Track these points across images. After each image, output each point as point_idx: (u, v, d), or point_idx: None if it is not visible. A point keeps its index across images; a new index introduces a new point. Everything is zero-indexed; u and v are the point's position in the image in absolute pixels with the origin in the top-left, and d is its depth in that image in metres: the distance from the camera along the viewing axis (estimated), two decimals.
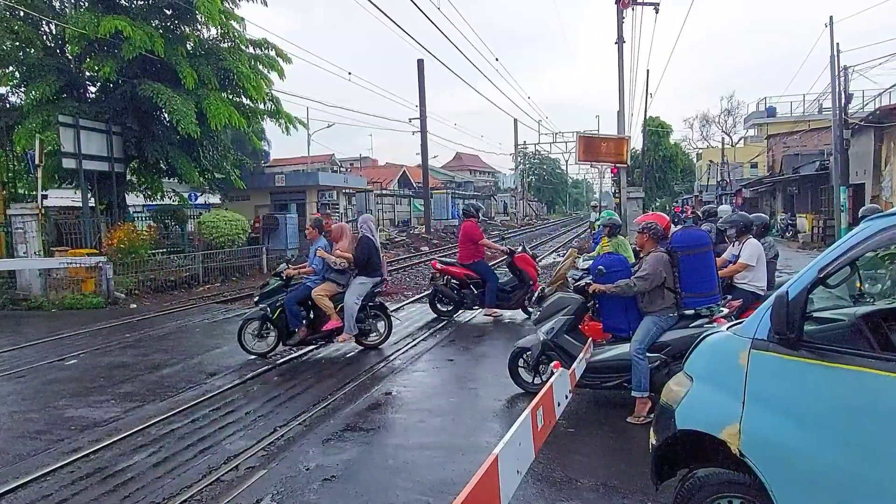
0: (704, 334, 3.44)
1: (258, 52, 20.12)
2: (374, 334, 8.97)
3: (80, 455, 5.18)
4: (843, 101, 21.25)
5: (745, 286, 6.79)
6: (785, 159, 34.51)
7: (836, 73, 21.00)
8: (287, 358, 8.48)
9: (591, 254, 9.97)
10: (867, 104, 27.41)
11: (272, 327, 8.53)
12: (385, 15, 16.32)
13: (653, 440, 3.43)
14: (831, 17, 21.46)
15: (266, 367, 8.01)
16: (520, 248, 11.41)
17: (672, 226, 6.88)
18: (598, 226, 13.28)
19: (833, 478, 2.63)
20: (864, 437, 2.57)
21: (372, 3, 14.89)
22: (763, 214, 9.55)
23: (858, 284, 4.62)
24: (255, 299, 9.00)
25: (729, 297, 6.48)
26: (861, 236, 2.81)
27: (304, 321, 8.49)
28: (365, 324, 8.75)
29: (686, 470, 3.31)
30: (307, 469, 4.80)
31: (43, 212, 15.48)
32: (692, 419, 3.16)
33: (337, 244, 8.61)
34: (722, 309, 5.75)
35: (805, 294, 2.76)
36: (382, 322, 9.07)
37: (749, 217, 7.56)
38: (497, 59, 36.33)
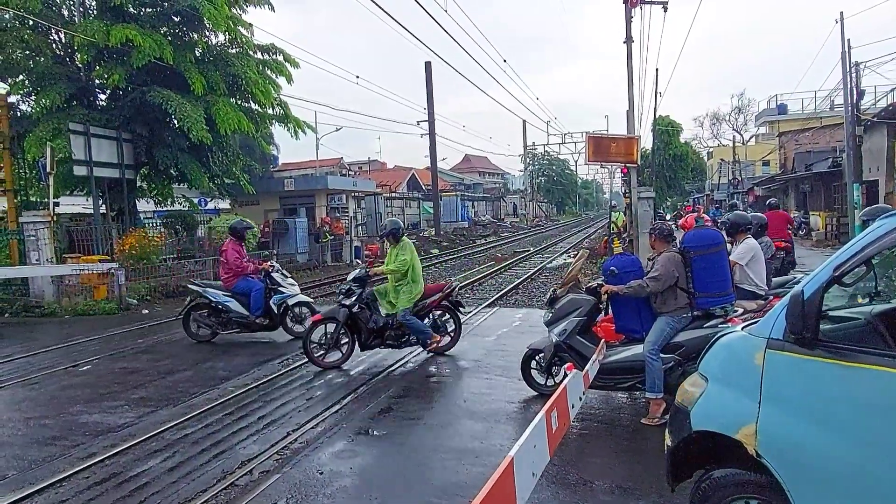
0: (719, 335, 3.41)
1: (266, 57, 20.22)
2: None
3: (95, 460, 5.21)
4: (855, 97, 21.07)
5: (745, 286, 6.73)
6: (797, 157, 34.31)
7: (848, 69, 20.84)
8: (300, 363, 8.50)
9: None
10: (879, 100, 27.17)
11: None
12: (392, 18, 16.35)
13: (668, 441, 3.41)
14: (842, 13, 21.32)
15: (279, 372, 8.03)
16: None
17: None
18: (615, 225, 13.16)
19: (851, 478, 2.60)
20: (882, 436, 2.54)
21: (378, 6, 14.91)
22: (760, 214, 9.48)
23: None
24: None
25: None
26: (876, 234, 2.78)
27: None
28: None
29: (702, 471, 3.28)
30: (321, 473, 4.80)
31: (55, 219, 15.61)
32: (708, 420, 3.13)
33: None
34: (736, 309, 5.71)
35: (821, 293, 2.74)
36: None
37: (746, 216, 7.52)
38: (505, 61, 36.20)
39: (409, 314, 8.06)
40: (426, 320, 8.40)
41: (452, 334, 8.77)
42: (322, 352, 8.11)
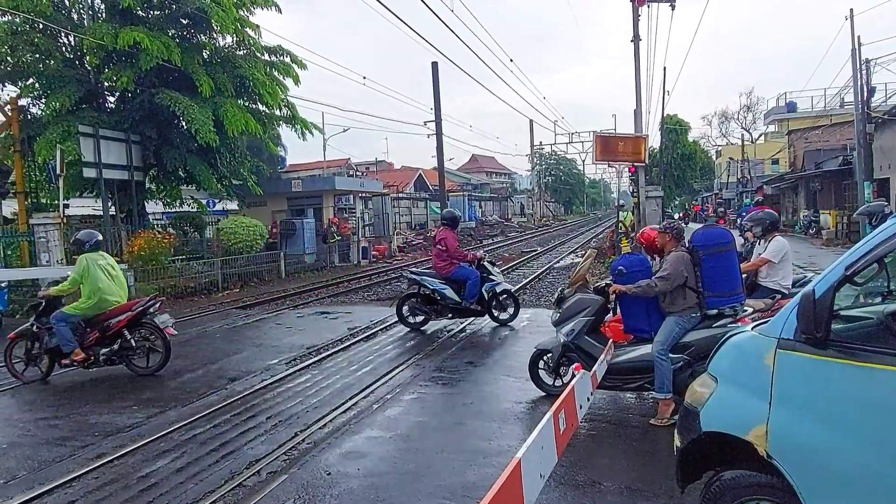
0: (729, 334, 3.38)
1: (273, 58, 20.28)
2: None
3: (104, 461, 5.22)
4: (865, 94, 20.93)
5: (770, 284, 6.70)
6: (807, 155, 34.13)
7: (858, 67, 20.69)
8: (307, 363, 8.51)
9: None
10: (890, 97, 26.96)
11: None
12: (398, 18, 16.32)
13: (677, 442, 3.38)
14: (851, 10, 21.18)
15: (286, 373, 8.03)
16: None
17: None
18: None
19: (863, 479, 2.57)
20: (895, 437, 2.50)
21: (384, 6, 14.89)
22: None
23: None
24: None
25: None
26: (888, 233, 2.75)
27: None
28: None
29: (712, 472, 3.25)
30: (328, 474, 4.80)
31: (65, 221, 15.68)
32: (718, 421, 3.10)
33: None
34: (746, 308, 5.67)
35: (832, 292, 2.70)
36: None
37: (775, 215, 7.48)
38: (512, 60, 36.08)
39: (59, 318, 7.67)
40: (118, 341, 7.89)
41: (160, 355, 8.13)
42: (23, 366, 8.02)
